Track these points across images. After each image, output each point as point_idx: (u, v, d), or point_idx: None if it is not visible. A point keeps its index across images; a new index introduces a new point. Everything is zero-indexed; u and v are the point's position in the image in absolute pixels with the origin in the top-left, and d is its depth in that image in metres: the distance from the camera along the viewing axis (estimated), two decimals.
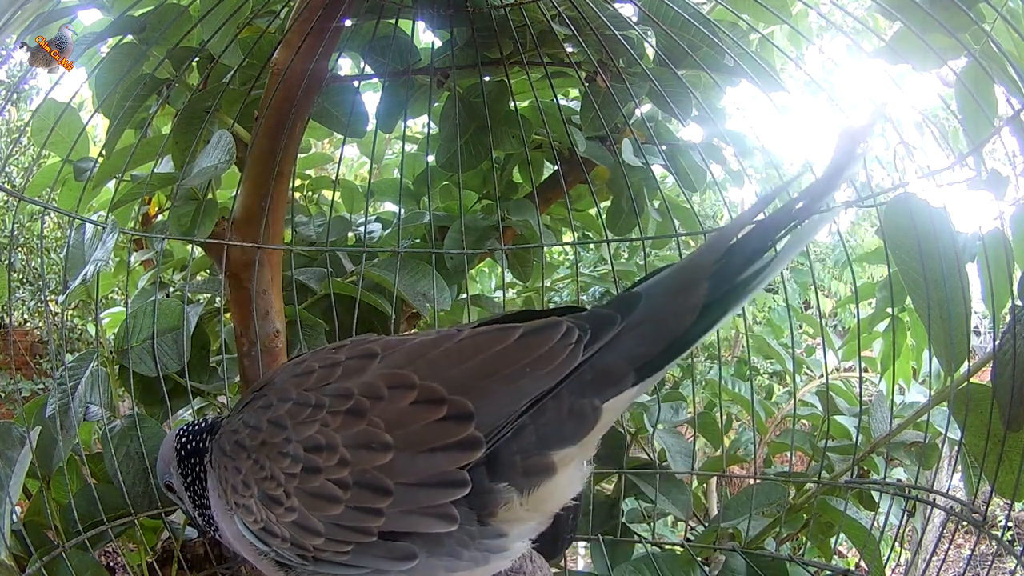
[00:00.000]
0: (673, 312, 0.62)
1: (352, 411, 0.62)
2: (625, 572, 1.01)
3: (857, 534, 1.07)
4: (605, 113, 1.19)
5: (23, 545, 0.92)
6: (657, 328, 0.62)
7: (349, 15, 1.13)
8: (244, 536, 0.68)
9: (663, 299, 0.63)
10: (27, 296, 4.31)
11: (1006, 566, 2.54)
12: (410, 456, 0.60)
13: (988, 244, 0.88)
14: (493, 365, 0.62)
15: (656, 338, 0.62)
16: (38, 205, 0.93)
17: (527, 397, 0.60)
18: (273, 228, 1.16)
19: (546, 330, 0.62)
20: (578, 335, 0.62)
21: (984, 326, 1.91)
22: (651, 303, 0.63)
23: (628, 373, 0.62)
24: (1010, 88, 0.85)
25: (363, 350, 0.67)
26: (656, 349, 0.62)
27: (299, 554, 0.65)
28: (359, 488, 0.60)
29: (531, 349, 0.62)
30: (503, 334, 0.64)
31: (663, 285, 0.64)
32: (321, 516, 0.62)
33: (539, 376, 0.61)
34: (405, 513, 0.60)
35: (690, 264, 0.64)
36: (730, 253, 0.61)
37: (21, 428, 0.92)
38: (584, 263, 2.42)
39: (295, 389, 0.67)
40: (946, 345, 0.90)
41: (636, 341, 0.62)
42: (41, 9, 0.90)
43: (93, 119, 1.41)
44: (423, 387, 0.62)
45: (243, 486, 0.66)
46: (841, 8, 1.25)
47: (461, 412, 0.60)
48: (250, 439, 0.67)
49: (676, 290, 0.62)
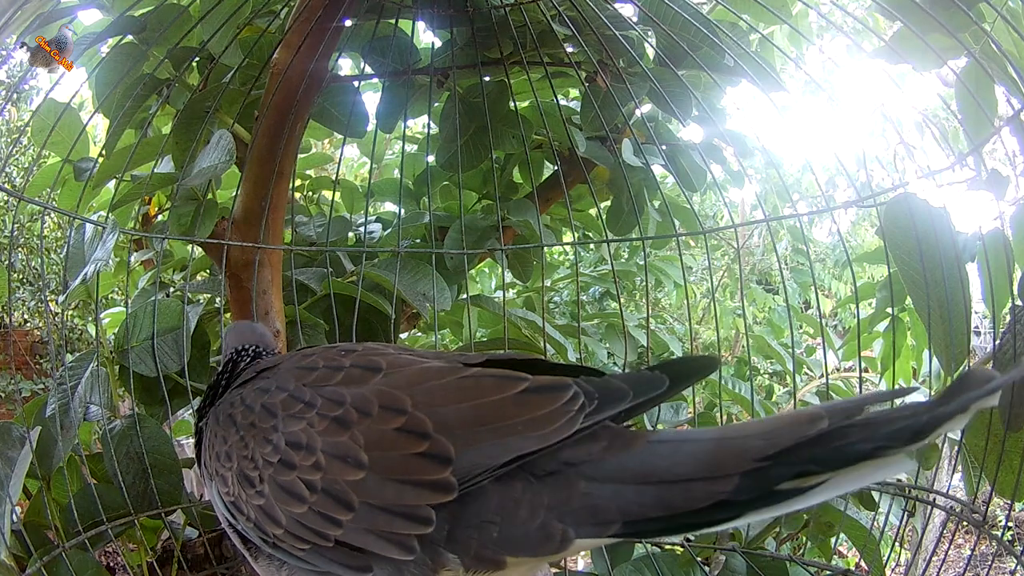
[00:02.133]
0: (689, 487, 0.54)
1: (339, 420, 0.62)
2: (625, 572, 1.01)
3: (857, 534, 1.07)
4: (605, 113, 1.19)
5: (23, 545, 0.92)
6: (665, 493, 0.55)
7: (349, 15, 1.13)
8: (217, 503, 0.71)
9: (689, 465, 0.55)
10: (27, 296, 4.31)
11: (1006, 566, 2.54)
12: (381, 480, 0.59)
13: (988, 244, 0.88)
14: (488, 414, 0.60)
15: (658, 503, 0.55)
16: (38, 205, 0.93)
17: (512, 454, 0.57)
18: (273, 228, 1.16)
19: (552, 391, 0.59)
20: (582, 403, 0.58)
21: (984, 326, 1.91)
22: (676, 459, 0.56)
23: (615, 523, 0.56)
24: (1010, 88, 0.85)
25: (369, 361, 0.67)
26: (652, 514, 0.55)
27: (261, 536, 0.66)
28: (325, 495, 0.61)
29: (530, 408, 0.59)
30: (507, 383, 0.61)
31: (701, 449, 0.56)
32: (285, 509, 0.63)
33: (529, 437, 0.58)
34: (364, 531, 0.60)
35: (734, 444, 0.54)
36: (787, 454, 0.51)
37: (21, 428, 0.93)
38: (584, 263, 2.42)
39: (295, 381, 0.68)
40: (946, 345, 0.90)
41: (638, 494, 0.56)
42: (41, 9, 0.90)
43: (93, 119, 1.41)
44: (412, 417, 0.60)
45: (225, 457, 0.68)
46: (841, 8, 1.25)
47: (442, 454, 0.58)
48: (242, 416, 0.68)
49: (707, 465, 0.54)
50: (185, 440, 1.99)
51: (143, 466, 1.00)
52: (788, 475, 0.51)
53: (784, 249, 3.30)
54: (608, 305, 2.62)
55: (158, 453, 1.02)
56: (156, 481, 1.00)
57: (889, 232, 0.92)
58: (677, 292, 2.84)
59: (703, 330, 3.31)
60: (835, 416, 0.51)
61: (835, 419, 0.51)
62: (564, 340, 1.46)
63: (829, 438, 0.51)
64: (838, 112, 0.98)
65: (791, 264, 3.28)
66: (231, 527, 0.70)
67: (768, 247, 4.05)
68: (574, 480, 0.58)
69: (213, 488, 0.71)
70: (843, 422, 0.51)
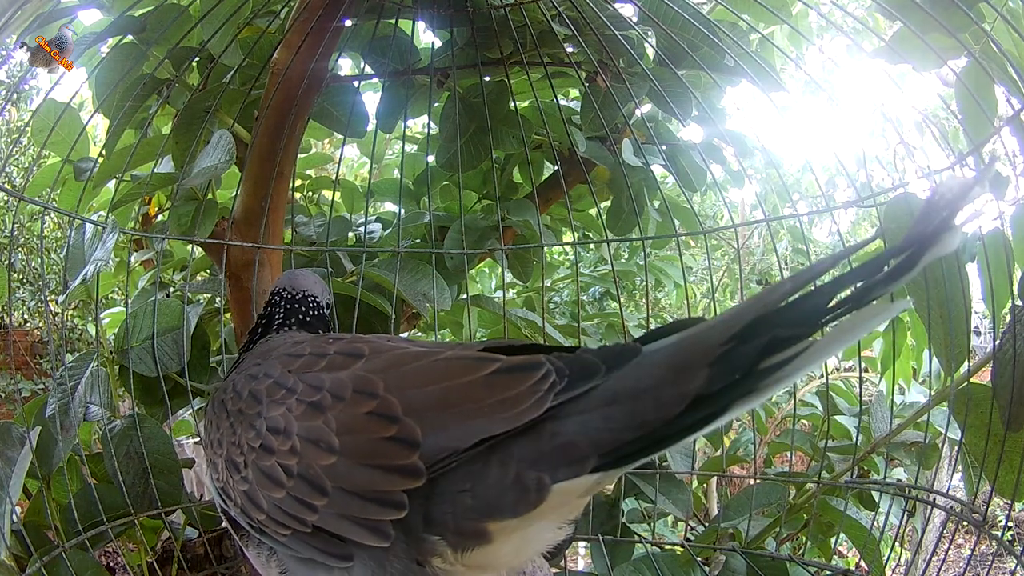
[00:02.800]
0: (657, 395, 0.51)
1: (314, 404, 0.62)
2: (625, 572, 1.01)
3: (857, 534, 1.07)
4: (605, 113, 1.19)
5: (23, 545, 0.92)
6: (633, 410, 0.52)
7: (349, 15, 1.13)
8: (211, 489, 0.72)
9: (651, 374, 0.52)
10: (27, 296, 4.31)
11: (1006, 566, 2.54)
12: (352, 464, 0.59)
13: (988, 244, 0.88)
14: (456, 396, 0.58)
15: (629, 422, 0.52)
16: (38, 205, 0.93)
17: (478, 437, 0.56)
18: (273, 228, 1.16)
19: (522, 371, 0.57)
20: (552, 381, 0.55)
21: (984, 326, 1.91)
22: (638, 373, 0.53)
23: (589, 456, 0.53)
24: (1010, 88, 0.85)
25: (353, 348, 0.67)
26: (626, 436, 0.52)
27: (248, 523, 0.66)
28: (301, 480, 0.61)
29: (498, 389, 0.57)
30: (478, 365, 0.59)
31: (660, 356, 0.53)
32: (267, 495, 0.63)
33: (496, 419, 0.55)
34: (338, 517, 0.59)
35: (693, 338, 0.52)
36: (750, 330, 0.47)
37: (21, 428, 0.93)
38: (584, 263, 2.42)
39: (280, 367, 0.68)
40: (946, 345, 0.90)
41: (605, 419, 0.53)
42: (41, 9, 0.90)
43: (93, 119, 1.41)
44: (383, 400, 0.60)
45: (217, 444, 0.69)
46: (841, 8, 1.25)
47: (409, 438, 0.57)
48: (232, 403, 0.69)
49: (669, 367, 0.51)
50: (185, 440, 2.00)
51: (143, 466, 1.00)
52: (759, 350, 0.47)
53: (784, 249, 3.30)
54: (608, 305, 2.62)
55: (158, 453, 1.02)
56: (156, 481, 1.00)
57: (889, 232, 0.92)
58: (677, 292, 2.84)
59: None
60: (799, 280, 0.47)
61: (798, 281, 0.47)
62: (564, 340, 1.46)
63: (796, 303, 0.47)
64: (838, 112, 0.98)
65: (791, 264, 3.28)
66: (225, 513, 0.71)
67: (768, 247, 4.05)
68: (539, 425, 0.55)
69: (208, 474, 0.72)
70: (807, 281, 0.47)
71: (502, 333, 1.27)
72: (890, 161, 0.91)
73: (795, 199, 2.69)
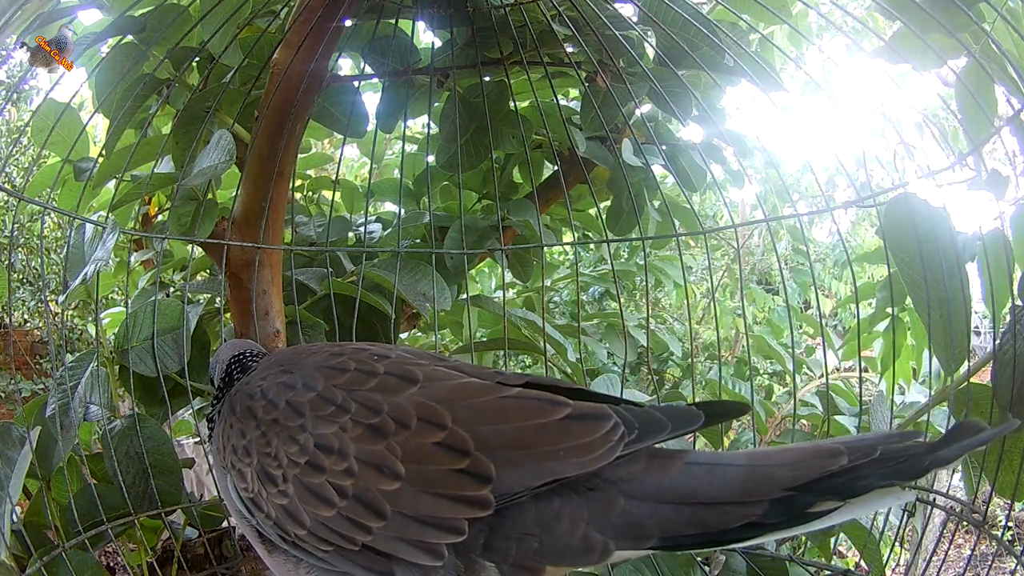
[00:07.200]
0: (724, 509, 0.59)
1: (375, 428, 0.63)
2: (625, 572, 1.01)
3: (857, 534, 1.07)
4: (605, 113, 1.19)
5: (23, 545, 0.92)
6: (702, 514, 0.60)
7: (349, 15, 1.13)
8: (232, 497, 0.70)
9: (723, 490, 0.60)
10: (27, 296, 4.31)
11: (1006, 566, 2.54)
12: (416, 492, 0.60)
13: (988, 244, 0.88)
14: (531, 438, 0.62)
15: (694, 521, 0.60)
16: (38, 205, 0.93)
17: (551, 477, 0.60)
18: (273, 228, 1.16)
19: (595, 419, 0.62)
20: (622, 432, 0.61)
21: (984, 326, 1.91)
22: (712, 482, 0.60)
23: (653, 537, 0.60)
24: (1010, 88, 0.85)
25: (404, 371, 0.67)
26: (688, 531, 0.60)
27: (280, 535, 0.66)
28: (356, 502, 0.61)
29: (572, 435, 0.61)
30: (550, 408, 0.63)
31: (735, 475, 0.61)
32: (311, 512, 0.63)
33: (570, 463, 0.60)
34: (394, 538, 0.61)
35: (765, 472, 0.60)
36: (809, 486, 0.58)
37: (21, 428, 0.93)
38: (584, 263, 2.42)
39: (323, 381, 0.67)
40: (946, 345, 0.90)
41: (675, 512, 0.60)
42: (41, 9, 0.90)
43: (93, 119, 1.41)
44: (452, 432, 0.62)
45: (244, 452, 0.68)
46: (841, 8, 1.25)
47: (482, 473, 0.60)
48: (264, 412, 0.68)
49: (741, 491, 0.59)
50: (185, 440, 2.00)
51: (143, 466, 1.00)
52: (810, 502, 0.57)
53: (784, 249, 3.29)
54: (608, 305, 2.62)
55: (158, 453, 1.02)
56: (156, 481, 1.00)
57: (889, 232, 0.91)
58: (677, 292, 2.84)
59: (703, 330, 3.31)
60: (853, 453, 0.58)
61: (853, 456, 0.58)
62: (564, 340, 1.46)
63: (847, 472, 0.57)
64: (838, 112, 0.98)
65: (791, 264, 3.29)
66: (246, 522, 0.70)
67: (768, 247, 4.05)
68: (614, 497, 0.61)
69: (229, 481, 0.71)
70: (859, 460, 0.57)
71: (502, 333, 1.27)
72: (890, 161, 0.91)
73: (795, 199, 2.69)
